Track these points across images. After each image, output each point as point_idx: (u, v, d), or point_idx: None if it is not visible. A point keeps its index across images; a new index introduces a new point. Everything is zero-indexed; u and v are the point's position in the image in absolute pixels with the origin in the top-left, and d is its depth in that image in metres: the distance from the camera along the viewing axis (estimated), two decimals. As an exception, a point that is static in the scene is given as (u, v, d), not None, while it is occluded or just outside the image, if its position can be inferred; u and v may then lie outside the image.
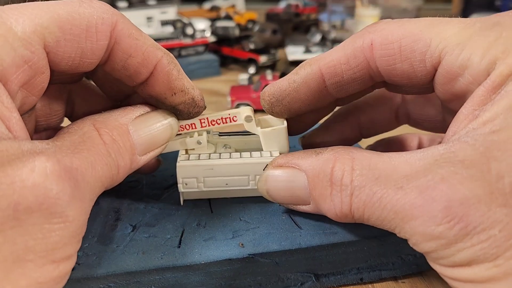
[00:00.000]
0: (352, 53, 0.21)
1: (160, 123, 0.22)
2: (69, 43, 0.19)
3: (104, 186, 0.19)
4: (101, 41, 0.20)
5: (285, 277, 0.22)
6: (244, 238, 0.22)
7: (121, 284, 0.20)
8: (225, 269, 0.21)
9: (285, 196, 0.22)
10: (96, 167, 0.18)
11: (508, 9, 0.22)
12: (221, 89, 0.61)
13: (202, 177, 0.24)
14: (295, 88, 0.23)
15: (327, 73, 0.22)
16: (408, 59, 0.20)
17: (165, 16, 0.83)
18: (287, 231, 0.22)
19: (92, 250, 0.21)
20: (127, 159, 0.20)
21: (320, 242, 0.22)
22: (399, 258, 0.24)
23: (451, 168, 0.16)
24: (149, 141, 0.22)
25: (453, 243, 0.16)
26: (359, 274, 0.23)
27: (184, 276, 0.21)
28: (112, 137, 0.19)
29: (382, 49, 0.20)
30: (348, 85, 0.22)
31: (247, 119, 0.24)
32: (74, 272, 0.20)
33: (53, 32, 0.18)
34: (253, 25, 0.80)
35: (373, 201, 0.18)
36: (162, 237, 0.22)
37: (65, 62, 0.19)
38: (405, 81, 0.21)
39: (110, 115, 0.21)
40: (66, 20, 0.18)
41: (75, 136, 0.19)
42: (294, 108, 0.23)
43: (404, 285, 0.24)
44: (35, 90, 0.19)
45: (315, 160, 0.21)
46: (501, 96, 0.16)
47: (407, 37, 0.20)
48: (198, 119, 0.24)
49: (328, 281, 0.23)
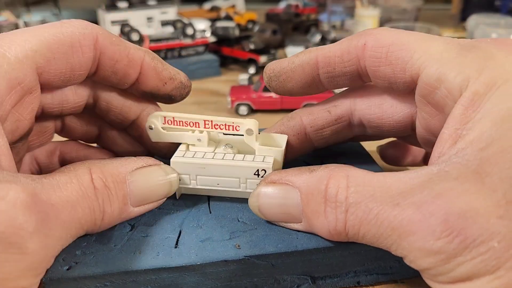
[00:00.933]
0: (347, 49, 0.23)
1: (160, 177, 0.23)
2: (58, 61, 0.21)
3: (83, 228, 0.19)
4: (86, 53, 0.22)
5: (282, 279, 0.22)
6: (241, 239, 0.22)
7: (117, 283, 0.20)
8: (221, 270, 0.21)
9: (277, 213, 0.22)
10: (77, 208, 0.19)
11: (508, 9, 0.23)
12: (221, 89, 0.61)
13: (194, 174, 0.24)
14: (292, 68, 0.25)
15: (321, 61, 0.24)
16: (392, 64, 0.22)
17: (165, 16, 0.83)
18: (284, 233, 0.22)
19: (90, 249, 0.21)
20: (115, 207, 0.21)
21: (317, 245, 0.22)
22: (397, 262, 0.23)
23: (446, 185, 0.16)
24: (145, 194, 0.22)
25: (452, 257, 0.16)
26: (356, 277, 0.23)
27: (180, 277, 0.21)
28: (105, 183, 0.20)
29: (372, 50, 0.22)
30: (338, 78, 0.24)
31: (248, 132, 0.24)
32: (71, 271, 0.20)
33: (43, 54, 0.20)
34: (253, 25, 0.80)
35: (369, 218, 0.18)
36: (159, 237, 0.22)
37: (58, 77, 0.22)
38: (386, 84, 0.23)
39: (111, 162, 0.22)
40: (52, 40, 0.21)
41: (65, 176, 0.19)
42: (287, 87, 0.26)
43: (404, 285, 0.24)
44: (26, 111, 0.21)
45: (309, 177, 0.20)
46: (482, 115, 0.17)
47: (395, 44, 0.21)
48: (203, 119, 0.24)
49: (325, 284, 0.23)
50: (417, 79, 0.21)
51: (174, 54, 0.66)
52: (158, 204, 0.23)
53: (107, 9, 0.79)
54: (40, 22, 0.78)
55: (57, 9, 1.04)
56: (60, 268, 0.20)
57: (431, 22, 0.82)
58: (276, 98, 0.51)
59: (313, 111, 0.27)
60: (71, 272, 0.20)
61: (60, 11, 1.04)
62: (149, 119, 0.25)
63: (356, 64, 0.23)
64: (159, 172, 0.23)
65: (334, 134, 0.27)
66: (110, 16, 0.79)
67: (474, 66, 0.18)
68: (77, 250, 0.21)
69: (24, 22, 0.77)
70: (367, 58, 0.22)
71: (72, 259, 0.21)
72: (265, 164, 0.23)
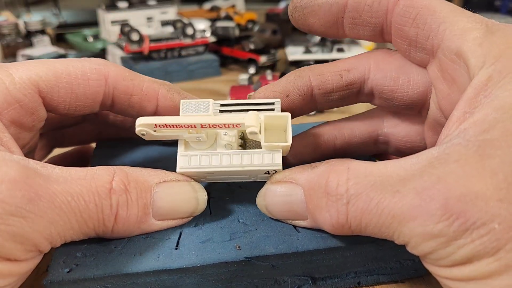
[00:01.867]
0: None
1: (188, 194, 0.23)
2: (62, 90, 0.23)
3: (87, 225, 0.19)
4: (94, 87, 0.23)
5: (282, 280, 0.22)
6: (241, 240, 0.22)
7: (117, 285, 0.20)
8: (221, 272, 0.21)
9: (283, 211, 0.22)
10: (79, 200, 0.19)
11: (508, 9, 0.23)
12: (221, 89, 0.61)
13: (204, 177, 0.24)
14: (320, 3, 0.24)
15: (350, 5, 0.23)
16: (418, 27, 0.21)
17: (165, 16, 0.83)
18: (284, 234, 0.22)
19: (90, 251, 0.21)
20: (132, 213, 0.21)
21: (318, 246, 0.22)
22: (398, 263, 0.23)
23: (446, 169, 0.16)
24: (170, 208, 0.22)
25: (452, 240, 0.16)
26: (357, 278, 0.23)
27: (180, 278, 0.21)
28: (126, 187, 0.20)
29: (403, 8, 0.22)
30: (361, 27, 0.24)
31: (251, 135, 0.22)
32: (71, 273, 0.20)
33: (47, 80, 0.22)
34: (253, 25, 0.80)
35: (370, 208, 0.18)
36: (159, 238, 0.22)
37: (62, 106, 0.23)
38: (404, 46, 0.23)
39: (140, 170, 0.22)
40: (60, 70, 0.23)
41: (81, 173, 0.20)
42: (308, 21, 0.25)
43: (404, 286, 0.24)
44: (27, 127, 0.23)
45: (311, 174, 0.21)
46: (491, 99, 0.17)
47: (427, 9, 0.21)
48: (200, 123, 0.22)
49: (325, 285, 0.23)
50: (436, 50, 0.21)
51: (174, 54, 0.65)
52: (182, 222, 0.23)
53: (107, 9, 0.79)
54: (40, 22, 0.78)
55: (57, 9, 1.04)
56: (60, 270, 0.20)
57: (431, 22, 0.82)
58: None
59: (324, 72, 0.25)
60: (71, 274, 0.20)
61: (60, 11, 1.04)
62: (138, 127, 0.22)
63: (383, 18, 0.23)
64: (187, 188, 0.23)
65: (341, 100, 0.26)
66: (110, 16, 0.79)
67: (493, 51, 0.18)
68: (77, 252, 0.21)
69: (24, 22, 0.77)
70: (396, 14, 0.22)
71: (72, 261, 0.21)
72: (275, 166, 0.22)
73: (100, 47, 0.77)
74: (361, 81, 0.25)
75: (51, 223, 0.18)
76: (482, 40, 0.19)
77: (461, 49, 0.19)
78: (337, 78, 0.25)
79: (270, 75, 0.53)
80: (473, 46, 0.19)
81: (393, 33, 0.23)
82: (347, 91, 0.25)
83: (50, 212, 0.18)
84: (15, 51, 0.71)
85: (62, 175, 0.19)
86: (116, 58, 0.70)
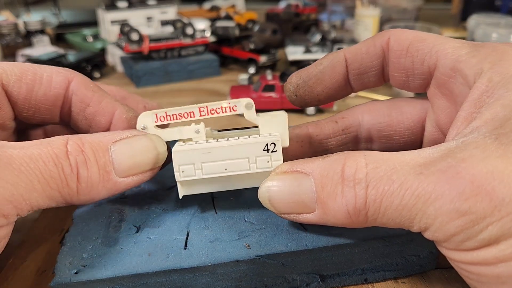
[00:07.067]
0: (372, 43, 0.25)
1: (146, 146, 0.22)
2: (24, 85, 0.24)
3: (50, 185, 0.19)
4: (55, 89, 0.25)
5: (291, 278, 0.22)
6: (250, 239, 0.22)
7: (127, 286, 0.20)
8: (232, 271, 0.21)
9: (288, 203, 0.20)
10: (38, 162, 0.19)
11: (508, 9, 0.25)
12: (221, 89, 0.61)
13: (199, 162, 0.22)
14: (322, 70, 0.25)
15: (349, 58, 0.25)
16: (412, 56, 0.23)
17: (165, 16, 0.83)
18: (292, 233, 0.22)
19: (96, 251, 0.21)
20: (93, 172, 0.21)
21: (326, 243, 0.22)
22: (403, 259, 0.24)
23: (468, 152, 0.17)
24: (131, 163, 0.22)
25: (482, 218, 0.16)
26: (364, 274, 0.24)
27: (191, 278, 0.21)
28: (81, 147, 0.20)
29: (395, 43, 0.24)
30: (365, 74, 0.25)
31: (247, 106, 0.23)
32: (79, 275, 0.20)
33: (13, 74, 0.24)
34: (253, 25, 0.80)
35: (392, 190, 0.17)
36: (167, 239, 0.22)
37: (22, 103, 0.24)
38: (403, 77, 0.24)
39: (95, 134, 0.22)
40: (27, 68, 0.24)
41: (37, 141, 0.20)
42: (316, 91, 0.26)
43: (404, 286, 0.24)
44: None
45: (323, 162, 0.20)
46: (495, 98, 0.18)
47: (416, 39, 0.23)
48: (198, 107, 0.23)
49: (333, 282, 0.23)
50: (434, 70, 0.23)
51: (174, 54, 0.65)
52: (148, 176, 0.23)
53: (106, 9, 0.79)
54: (40, 21, 0.77)
55: (57, 8, 1.03)
56: (67, 272, 0.20)
57: (431, 22, 0.83)
58: (276, 98, 0.51)
59: (320, 121, 0.27)
60: (79, 276, 0.20)
61: (60, 11, 1.03)
62: (140, 119, 0.23)
63: (382, 57, 0.24)
64: (144, 140, 0.23)
65: (339, 147, 0.27)
66: (110, 15, 0.79)
67: (488, 59, 0.20)
68: (83, 254, 0.21)
69: (24, 22, 0.77)
70: (390, 50, 0.24)
71: (79, 262, 0.21)
72: (273, 137, 0.22)
73: (99, 47, 0.76)
74: (356, 125, 0.27)
75: (11, 185, 0.18)
76: (474, 53, 0.20)
77: (456, 63, 0.21)
78: (332, 124, 0.27)
79: (270, 75, 0.53)
80: (467, 58, 0.20)
81: (391, 68, 0.25)
82: (344, 136, 0.27)
83: (9, 174, 0.18)
84: (15, 51, 0.71)
85: (18, 144, 0.19)
86: (116, 58, 0.70)
